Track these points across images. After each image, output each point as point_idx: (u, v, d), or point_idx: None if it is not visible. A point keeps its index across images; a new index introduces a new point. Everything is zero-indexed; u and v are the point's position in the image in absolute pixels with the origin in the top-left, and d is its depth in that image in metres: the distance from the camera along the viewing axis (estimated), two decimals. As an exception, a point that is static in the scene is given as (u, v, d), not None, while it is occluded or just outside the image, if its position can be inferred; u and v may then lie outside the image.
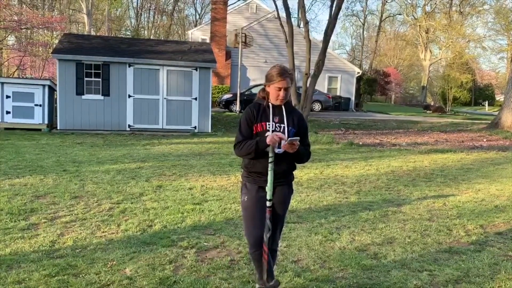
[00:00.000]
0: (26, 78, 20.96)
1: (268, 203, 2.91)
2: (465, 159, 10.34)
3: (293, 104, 3.10)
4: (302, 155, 2.96)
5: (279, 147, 2.86)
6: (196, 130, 14.23)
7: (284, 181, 3.02)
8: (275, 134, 2.78)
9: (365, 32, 57.77)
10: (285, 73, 2.87)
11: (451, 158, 10.40)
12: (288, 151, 2.82)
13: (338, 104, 27.57)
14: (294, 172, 3.10)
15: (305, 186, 6.79)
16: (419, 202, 6.06)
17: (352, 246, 4.23)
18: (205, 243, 4.19)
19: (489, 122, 18.86)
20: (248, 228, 3.01)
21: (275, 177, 2.89)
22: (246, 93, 22.09)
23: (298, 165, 3.11)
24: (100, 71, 13.47)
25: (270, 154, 2.83)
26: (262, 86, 3.04)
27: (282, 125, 2.93)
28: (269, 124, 2.91)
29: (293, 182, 3.12)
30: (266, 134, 2.86)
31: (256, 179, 2.96)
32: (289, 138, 2.80)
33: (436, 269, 3.75)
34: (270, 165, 2.84)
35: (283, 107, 2.96)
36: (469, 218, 5.32)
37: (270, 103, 2.95)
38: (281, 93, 2.89)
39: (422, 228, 4.88)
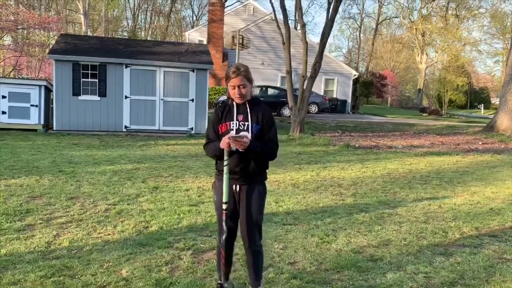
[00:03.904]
0: (22, 78, 20.85)
1: (224, 206, 2.92)
2: (461, 162, 10.39)
3: (289, 106, 3.10)
4: (258, 152, 2.83)
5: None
6: (192, 132, 14.21)
7: (249, 181, 2.97)
8: (227, 137, 2.76)
9: (361, 35, 58.08)
10: (237, 71, 2.84)
11: (447, 160, 10.45)
12: (238, 148, 2.78)
13: (335, 106, 27.65)
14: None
15: (302, 188, 6.79)
16: (415, 204, 6.08)
17: (348, 248, 4.24)
18: (201, 245, 4.19)
19: (485, 125, 18.95)
20: (218, 226, 3.12)
21: (240, 175, 2.92)
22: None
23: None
24: (97, 72, 13.43)
25: (225, 157, 2.83)
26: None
27: (247, 123, 2.90)
28: (233, 123, 2.91)
29: (266, 182, 3.07)
30: (229, 134, 2.84)
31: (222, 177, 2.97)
32: (233, 135, 2.75)
33: (431, 271, 3.76)
34: (225, 168, 2.85)
35: (247, 104, 2.94)
36: (465, 220, 5.34)
37: (234, 103, 2.95)
38: (236, 91, 2.86)
39: (417, 230, 4.90)
